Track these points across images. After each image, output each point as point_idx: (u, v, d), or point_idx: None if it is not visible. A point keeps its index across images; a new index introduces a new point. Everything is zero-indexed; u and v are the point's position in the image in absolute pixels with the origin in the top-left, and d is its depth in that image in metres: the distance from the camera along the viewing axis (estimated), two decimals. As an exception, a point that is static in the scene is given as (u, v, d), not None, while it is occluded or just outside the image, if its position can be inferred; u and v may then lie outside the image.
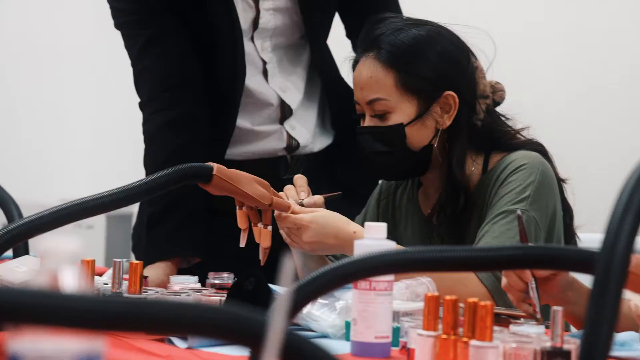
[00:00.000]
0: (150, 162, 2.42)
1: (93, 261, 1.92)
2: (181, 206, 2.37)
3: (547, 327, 1.59)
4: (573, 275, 1.77)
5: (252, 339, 0.73)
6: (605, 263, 0.91)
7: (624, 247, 0.92)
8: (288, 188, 2.16)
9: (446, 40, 2.17)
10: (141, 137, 2.46)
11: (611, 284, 0.91)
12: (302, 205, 2.12)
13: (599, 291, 0.91)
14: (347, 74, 2.33)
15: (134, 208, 2.61)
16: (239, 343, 0.75)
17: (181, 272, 2.30)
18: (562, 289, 1.72)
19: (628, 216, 0.93)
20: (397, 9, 2.52)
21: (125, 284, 1.91)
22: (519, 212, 1.75)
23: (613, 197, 0.95)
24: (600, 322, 0.90)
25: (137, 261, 1.93)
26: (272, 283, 1.84)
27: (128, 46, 2.45)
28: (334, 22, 2.57)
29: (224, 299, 1.89)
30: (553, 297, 1.72)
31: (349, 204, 2.31)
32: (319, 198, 2.14)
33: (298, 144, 2.50)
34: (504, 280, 1.74)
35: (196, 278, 2.09)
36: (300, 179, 2.17)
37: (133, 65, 2.46)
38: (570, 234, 2.20)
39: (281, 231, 2.12)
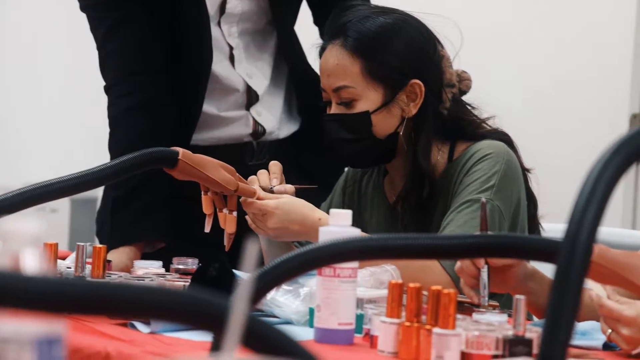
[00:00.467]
0: (115, 146, 2.40)
1: (56, 244, 1.91)
2: (146, 191, 2.35)
3: (509, 315, 1.59)
4: (534, 267, 1.78)
5: (214, 323, 0.72)
6: (567, 253, 0.92)
7: (587, 237, 0.92)
8: (261, 172, 2.15)
9: (413, 29, 2.17)
10: (106, 121, 2.44)
11: (573, 273, 0.92)
12: (272, 192, 2.12)
13: (561, 280, 0.91)
14: (314, 61, 2.33)
15: (99, 192, 2.59)
16: (200, 327, 0.74)
17: (145, 256, 2.30)
18: (523, 279, 1.73)
19: (591, 206, 0.94)
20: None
21: (88, 268, 1.91)
22: (483, 199, 1.75)
23: (577, 187, 0.95)
24: (561, 311, 0.90)
25: (100, 245, 1.92)
26: (237, 269, 1.84)
27: (93, 29, 2.43)
28: (302, 9, 2.56)
29: (187, 284, 1.88)
30: (513, 287, 1.73)
31: (315, 190, 2.31)
32: (290, 187, 2.14)
33: (264, 130, 2.49)
34: (458, 264, 1.74)
35: (160, 263, 2.08)
36: (274, 165, 2.17)
37: (98, 48, 2.44)
38: (534, 224, 2.21)
39: (246, 217, 2.12)
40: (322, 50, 2.20)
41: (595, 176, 0.95)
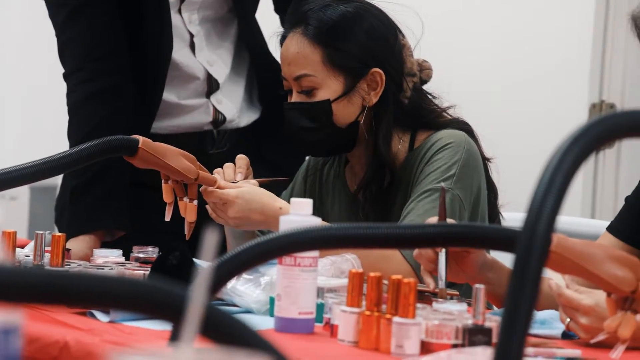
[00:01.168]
0: (74, 133, 2.38)
1: (14, 233, 1.89)
2: (105, 179, 2.34)
3: (469, 304, 1.60)
4: (493, 257, 1.79)
5: (172, 313, 0.72)
6: (526, 242, 0.92)
7: (545, 227, 0.93)
8: (227, 166, 2.15)
9: (374, 18, 2.17)
10: (65, 108, 2.42)
11: (532, 263, 0.92)
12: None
13: (520, 270, 0.92)
14: (275, 49, 2.32)
15: (58, 180, 2.57)
16: (158, 317, 0.74)
17: (105, 245, 2.28)
18: (481, 269, 1.74)
19: (549, 196, 0.94)
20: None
21: (47, 256, 1.89)
22: (443, 184, 1.76)
23: (537, 176, 0.95)
24: (520, 300, 0.91)
25: (59, 234, 1.91)
26: (198, 257, 1.83)
27: (52, 15, 2.41)
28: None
29: (147, 273, 1.87)
30: (472, 277, 1.73)
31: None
32: (254, 182, 2.14)
33: (224, 118, 2.48)
34: (416, 249, 1.74)
35: (120, 251, 2.07)
36: (241, 159, 2.16)
37: (57, 35, 2.42)
38: (494, 213, 2.22)
39: (207, 206, 2.12)
40: (283, 38, 2.19)
41: (553, 166, 0.95)
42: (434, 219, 1.75)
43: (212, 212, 2.11)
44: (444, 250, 1.69)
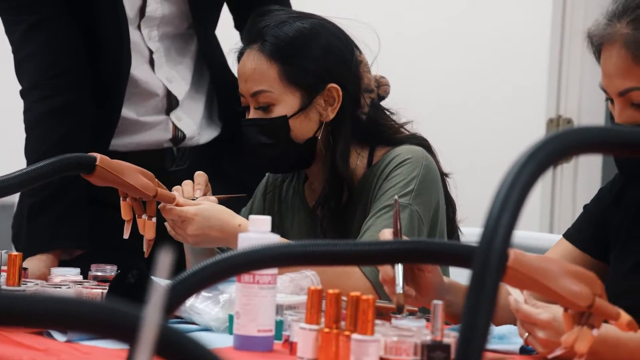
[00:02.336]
0: (32, 151, 2.36)
1: (-30, 252, 1.87)
2: (63, 197, 2.32)
3: (427, 320, 1.60)
4: (451, 279, 1.80)
5: (126, 333, 0.71)
6: (482, 258, 0.92)
7: (501, 242, 0.93)
8: (185, 183, 2.14)
9: (330, 34, 2.17)
10: (22, 126, 2.40)
11: (488, 278, 0.92)
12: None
13: (476, 286, 0.92)
14: (233, 65, 2.32)
15: (15, 197, 2.55)
16: (113, 338, 0.74)
17: (63, 264, 2.26)
18: (439, 292, 1.74)
19: (505, 212, 0.94)
20: (286, 3, 2.52)
21: (4, 276, 1.87)
22: (395, 197, 1.76)
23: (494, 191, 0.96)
24: (477, 316, 0.91)
25: (16, 253, 1.89)
26: (156, 275, 1.82)
27: (9, 32, 2.39)
28: (224, 13, 2.55)
29: (106, 291, 1.86)
30: (429, 300, 1.73)
31: (237, 198, 2.30)
32: (213, 199, 2.13)
33: (184, 135, 2.47)
34: (380, 275, 1.75)
35: (78, 270, 2.06)
36: (200, 176, 2.16)
37: (14, 52, 2.40)
38: (453, 228, 2.23)
39: (166, 223, 2.11)
40: (240, 55, 2.19)
41: (509, 183, 0.96)
42: (388, 231, 1.75)
43: (170, 230, 2.10)
44: (400, 266, 1.70)
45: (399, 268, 1.68)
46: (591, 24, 1.69)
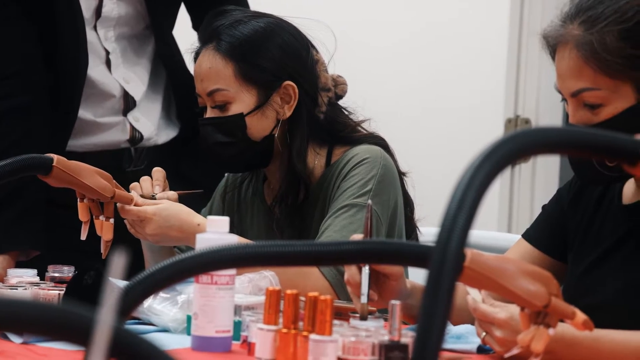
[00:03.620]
0: (-12, 152, 2.34)
1: None
2: (19, 198, 2.30)
3: (386, 320, 1.61)
4: (414, 283, 1.80)
5: (80, 336, 0.71)
6: (438, 258, 0.93)
7: (457, 243, 0.93)
8: (144, 180, 2.13)
9: (286, 33, 2.18)
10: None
11: (444, 278, 0.93)
12: (153, 199, 2.10)
13: (433, 286, 0.92)
14: (189, 65, 2.31)
15: (-29, 199, 2.52)
16: (67, 340, 0.73)
17: (20, 265, 2.25)
18: (403, 297, 1.74)
19: (461, 213, 0.95)
20: (243, 3, 2.51)
21: (-41, 278, 1.86)
22: (369, 202, 1.76)
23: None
24: (433, 315, 0.91)
25: (-28, 254, 1.87)
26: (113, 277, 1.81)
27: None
28: (181, 13, 2.54)
29: (63, 292, 1.85)
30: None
31: (195, 198, 2.30)
32: (173, 194, 2.13)
33: (141, 136, 2.46)
34: (345, 275, 1.75)
35: (35, 271, 2.04)
36: (157, 172, 2.15)
37: (-31, 51, 2.38)
38: (411, 227, 2.24)
39: (126, 221, 2.10)
40: (197, 55, 2.19)
41: (465, 183, 0.96)
42: (358, 236, 1.75)
43: (130, 228, 2.09)
44: (367, 266, 1.70)
45: (366, 275, 1.68)
46: (546, 25, 1.70)
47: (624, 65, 1.62)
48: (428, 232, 2.28)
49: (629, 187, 1.78)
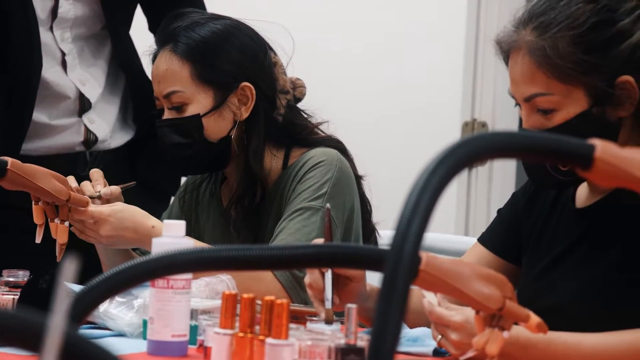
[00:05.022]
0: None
1: None
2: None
3: (342, 323, 1.61)
4: (374, 286, 1.81)
5: (31, 341, 0.70)
6: (393, 261, 0.93)
7: (412, 246, 0.94)
8: (84, 184, 2.12)
9: (244, 35, 2.18)
10: None
11: (399, 281, 0.93)
12: (99, 197, 2.10)
13: (387, 289, 0.93)
14: (147, 67, 2.30)
15: None
16: (18, 346, 0.72)
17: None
18: (362, 300, 1.75)
19: (416, 216, 0.95)
20: (200, 5, 2.51)
21: None
22: (328, 206, 1.77)
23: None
24: (387, 319, 0.92)
25: None
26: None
27: None
28: (138, 16, 2.53)
29: (17, 297, 1.83)
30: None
31: (150, 200, 2.29)
32: (116, 188, 2.13)
33: (96, 138, 2.45)
34: (306, 279, 1.75)
35: (-12, 276, 2.02)
36: (95, 172, 2.15)
37: None
38: (369, 230, 2.24)
39: (72, 228, 2.08)
40: (154, 57, 2.19)
41: (420, 187, 0.97)
42: (319, 241, 1.76)
43: (80, 232, 2.08)
44: (329, 271, 1.70)
45: (329, 280, 1.69)
46: (500, 31, 1.71)
47: (576, 71, 1.63)
48: (387, 235, 2.29)
49: (582, 190, 1.79)
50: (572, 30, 1.64)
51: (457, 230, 3.80)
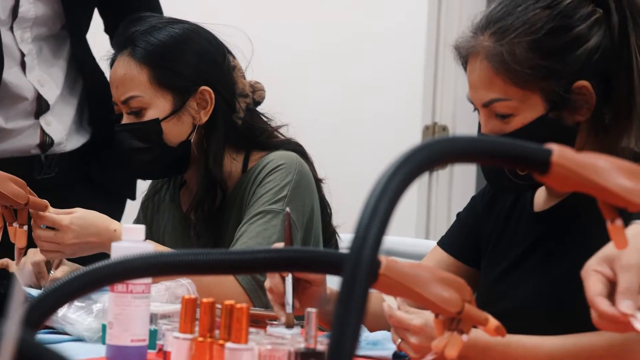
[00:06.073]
0: None
1: None
2: None
3: (303, 327, 1.61)
4: (332, 290, 1.81)
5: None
6: (352, 265, 0.93)
7: (371, 250, 0.94)
8: None
9: (202, 39, 2.18)
10: None
11: (357, 285, 0.93)
12: None
13: (346, 293, 0.93)
14: (106, 72, 2.29)
15: None
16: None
17: None
18: (322, 303, 1.75)
19: (375, 220, 0.95)
20: (158, 8, 2.50)
21: None
22: (288, 209, 1.77)
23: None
24: (346, 322, 0.92)
25: None
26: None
27: None
28: (94, 18, 2.52)
29: (-26, 302, 1.82)
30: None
31: (106, 203, 2.28)
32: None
33: (52, 141, 2.43)
34: (267, 282, 1.75)
35: (-54, 281, 2.00)
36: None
37: None
38: (329, 233, 2.24)
39: (36, 248, 2.07)
40: (112, 62, 2.18)
41: (379, 191, 0.97)
42: (279, 245, 1.76)
43: (45, 252, 2.05)
44: (290, 275, 1.70)
45: (289, 284, 1.68)
46: (458, 36, 1.72)
47: (533, 76, 1.64)
48: (347, 238, 2.29)
49: (540, 195, 1.81)
50: (529, 35, 1.65)
51: (417, 233, 3.82)
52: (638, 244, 1.32)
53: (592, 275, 1.31)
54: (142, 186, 2.43)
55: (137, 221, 2.30)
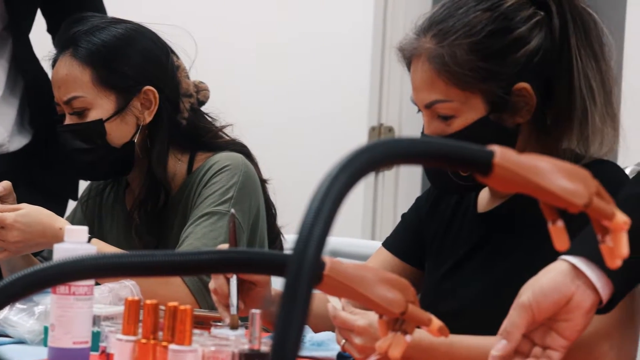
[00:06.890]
0: None
1: None
2: None
3: (247, 328, 1.61)
4: (277, 291, 1.81)
5: None
6: (295, 266, 0.93)
7: (314, 251, 0.94)
8: None
9: (145, 39, 2.16)
10: None
11: (300, 286, 0.93)
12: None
13: (289, 294, 0.93)
14: (49, 72, 2.27)
15: None
16: None
17: None
18: (267, 304, 1.75)
19: (318, 221, 0.96)
20: (101, 9, 2.48)
21: None
22: (233, 211, 1.76)
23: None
24: (289, 323, 0.92)
25: None
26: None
27: None
28: (37, 18, 2.49)
29: None
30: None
31: (47, 204, 2.25)
32: (7, 183, 2.08)
33: (-6, 142, 2.41)
34: (211, 284, 1.74)
35: None
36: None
37: None
38: (274, 234, 2.24)
39: None
40: (55, 62, 2.16)
41: (322, 192, 0.97)
42: (224, 246, 1.75)
43: None
44: (234, 276, 1.70)
45: (234, 286, 1.68)
46: (402, 38, 1.73)
47: (474, 78, 1.65)
48: (292, 239, 2.29)
49: (483, 196, 1.82)
50: (470, 37, 1.66)
51: (363, 234, 3.83)
52: (537, 283, 1.35)
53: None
54: (84, 186, 2.41)
55: (73, 219, 2.28)
